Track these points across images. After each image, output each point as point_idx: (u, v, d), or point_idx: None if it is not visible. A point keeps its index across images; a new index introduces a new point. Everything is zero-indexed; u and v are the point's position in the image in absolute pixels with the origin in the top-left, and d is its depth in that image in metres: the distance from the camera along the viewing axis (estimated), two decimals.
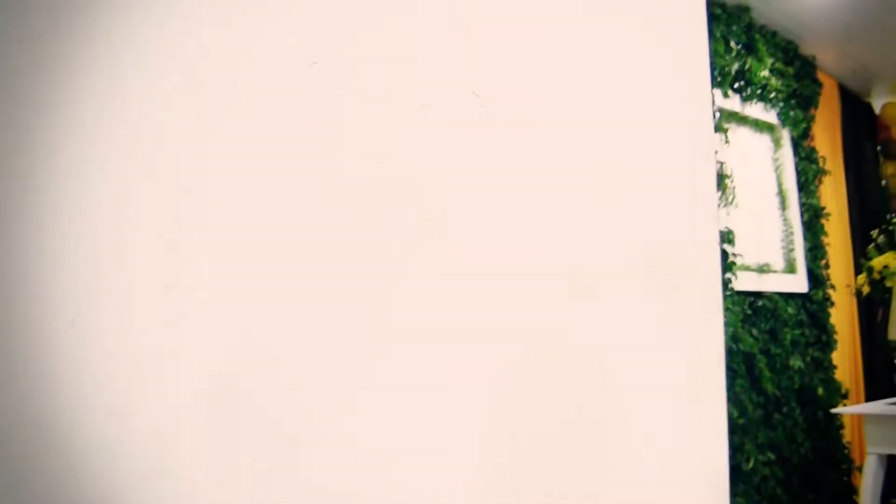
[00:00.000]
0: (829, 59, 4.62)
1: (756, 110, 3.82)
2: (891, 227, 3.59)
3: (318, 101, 0.77)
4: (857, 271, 3.95)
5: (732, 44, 3.66)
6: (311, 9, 0.78)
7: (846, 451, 3.99)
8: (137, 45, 0.70)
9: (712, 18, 3.56)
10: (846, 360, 4.45)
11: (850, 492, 3.93)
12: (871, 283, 3.43)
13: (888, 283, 3.33)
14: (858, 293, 3.59)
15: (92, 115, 0.68)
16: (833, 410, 3.54)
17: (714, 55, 3.46)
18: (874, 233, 3.65)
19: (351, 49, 0.79)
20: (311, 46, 0.77)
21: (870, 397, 4.69)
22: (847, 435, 4.09)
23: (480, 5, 0.86)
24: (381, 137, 0.80)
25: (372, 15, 0.81)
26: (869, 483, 3.21)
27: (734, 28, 3.66)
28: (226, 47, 0.74)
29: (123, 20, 0.70)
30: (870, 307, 4.49)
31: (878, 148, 5.23)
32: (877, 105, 5.36)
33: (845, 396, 4.02)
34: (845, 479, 3.96)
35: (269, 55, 0.76)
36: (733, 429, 3.32)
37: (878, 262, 3.42)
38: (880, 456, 3.25)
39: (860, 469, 3.50)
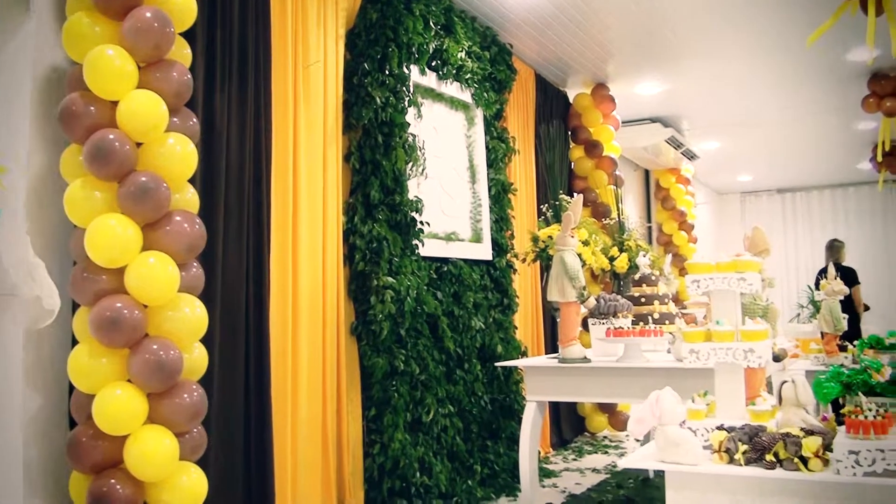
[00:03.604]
0: (528, 49, 5.07)
1: (452, 89, 4.08)
2: (557, 203, 4.03)
3: None
4: None
5: (431, 23, 3.83)
6: None
7: (525, 403, 4.44)
8: None
9: None
10: (528, 321, 4.97)
11: None
12: (537, 252, 3.84)
13: (550, 252, 3.73)
14: (524, 260, 3.99)
15: None
16: (497, 364, 3.92)
17: (412, 32, 3.61)
18: (544, 207, 4.07)
19: None
20: None
21: (551, 353, 5.29)
22: (525, 388, 4.56)
23: None
24: None
25: None
26: (528, 426, 3.63)
27: (433, 8, 3.84)
28: None
29: None
30: None
31: (569, 133, 5.88)
32: (571, 94, 6.01)
33: (524, 354, 4.46)
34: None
35: None
36: (415, 385, 3.56)
37: (543, 233, 3.83)
38: (539, 403, 3.70)
39: None
